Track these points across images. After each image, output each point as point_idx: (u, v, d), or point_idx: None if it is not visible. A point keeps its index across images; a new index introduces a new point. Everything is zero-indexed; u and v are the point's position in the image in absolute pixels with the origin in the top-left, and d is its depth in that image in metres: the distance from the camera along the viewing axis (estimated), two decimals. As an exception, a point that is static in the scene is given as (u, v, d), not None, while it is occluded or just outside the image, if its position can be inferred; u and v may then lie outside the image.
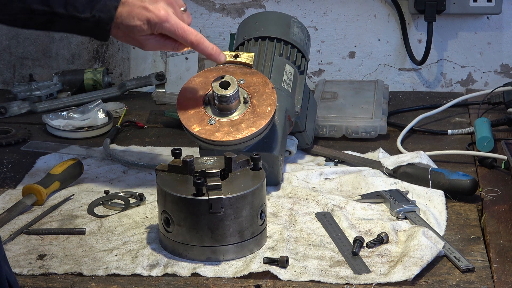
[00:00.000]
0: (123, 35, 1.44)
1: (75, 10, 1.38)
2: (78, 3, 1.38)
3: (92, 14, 1.39)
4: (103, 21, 1.40)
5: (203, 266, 1.40)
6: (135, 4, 1.43)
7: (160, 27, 1.44)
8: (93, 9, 1.39)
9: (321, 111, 1.93)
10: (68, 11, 1.38)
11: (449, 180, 1.62)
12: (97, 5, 1.39)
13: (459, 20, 2.19)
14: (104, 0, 1.40)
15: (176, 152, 1.49)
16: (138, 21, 1.42)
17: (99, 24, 1.40)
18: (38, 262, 1.43)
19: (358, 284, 1.35)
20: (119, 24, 1.41)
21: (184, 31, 1.46)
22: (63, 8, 1.38)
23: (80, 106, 2.03)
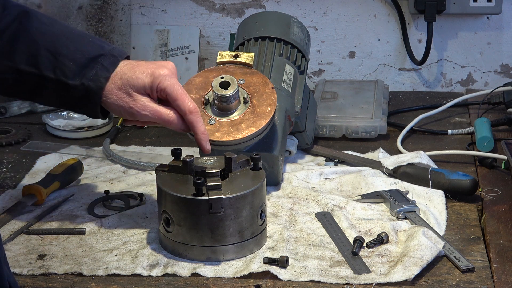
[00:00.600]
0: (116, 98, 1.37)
1: (64, 76, 1.33)
2: (67, 68, 1.34)
3: (82, 82, 1.34)
4: (92, 90, 1.35)
5: (203, 266, 1.40)
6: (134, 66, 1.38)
7: (163, 80, 1.38)
8: (83, 77, 1.34)
9: (321, 111, 1.93)
10: (57, 76, 1.33)
11: (449, 180, 1.62)
12: (88, 74, 1.34)
13: (459, 20, 2.19)
14: (96, 70, 1.35)
15: (176, 152, 1.49)
16: (141, 74, 1.37)
17: (89, 93, 1.35)
18: (38, 262, 1.43)
19: (358, 284, 1.35)
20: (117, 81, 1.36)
21: (185, 94, 1.41)
22: (51, 72, 1.33)
23: (80, 106, 2.03)
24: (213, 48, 2.25)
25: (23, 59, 1.32)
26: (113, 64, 1.36)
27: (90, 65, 1.34)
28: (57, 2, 2.24)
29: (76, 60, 1.34)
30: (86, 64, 1.34)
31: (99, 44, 1.38)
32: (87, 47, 1.36)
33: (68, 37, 1.36)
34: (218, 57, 1.65)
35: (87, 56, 1.35)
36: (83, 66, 1.34)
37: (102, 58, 1.36)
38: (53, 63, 1.33)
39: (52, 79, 1.33)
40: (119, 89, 1.36)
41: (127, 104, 1.37)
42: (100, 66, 1.35)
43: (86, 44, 1.36)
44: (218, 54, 1.66)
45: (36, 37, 1.33)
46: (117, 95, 1.36)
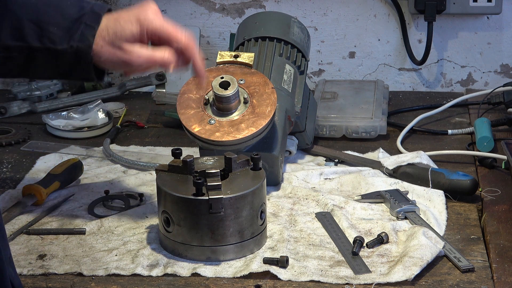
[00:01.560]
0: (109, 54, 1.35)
1: (51, 42, 1.32)
2: (53, 35, 1.32)
3: (70, 44, 1.32)
4: (82, 51, 1.33)
5: (203, 266, 1.40)
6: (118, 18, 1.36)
7: (150, 23, 1.35)
8: (70, 40, 1.32)
9: (321, 111, 1.93)
10: (44, 44, 1.31)
11: (449, 180, 1.62)
12: (74, 36, 1.33)
13: (459, 20, 2.19)
14: (81, 30, 1.33)
15: (176, 152, 1.49)
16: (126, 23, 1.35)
17: (79, 55, 1.33)
18: (38, 262, 1.43)
19: (358, 284, 1.35)
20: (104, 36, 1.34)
21: (176, 29, 1.38)
22: (38, 41, 1.32)
23: (80, 106, 2.03)
24: (213, 48, 2.25)
25: (8, 34, 1.31)
26: (97, 21, 1.35)
27: (74, 26, 1.33)
28: (57, 2, 2.24)
29: (59, 24, 1.33)
30: (70, 27, 1.33)
31: (78, 4, 1.36)
32: (68, 10, 1.35)
33: (47, 4, 1.35)
34: (218, 57, 1.66)
35: (69, 19, 1.34)
36: (67, 29, 1.33)
37: (85, 17, 1.34)
38: (38, 33, 1.32)
39: (40, 48, 1.32)
40: (109, 45, 1.35)
41: (121, 57, 1.35)
42: (84, 25, 1.33)
43: (66, 7, 1.35)
44: (218, 54, 1.66)
45: (17, 10, 1.32)
46: (108, 50, 1.35)
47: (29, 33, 1.32)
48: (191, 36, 1.39)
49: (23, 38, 1.31)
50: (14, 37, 1.31)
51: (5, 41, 1.31)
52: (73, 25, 1.33)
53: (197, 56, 1.38)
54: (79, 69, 1.35)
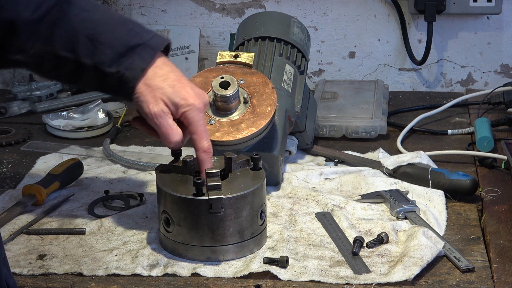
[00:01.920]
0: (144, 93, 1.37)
1: (101, 63, 1.33)
2: (104, 56, 1.33)
3: (118, 70, 1.34)
4: (127, 79, 1.35)
5: (203, 266, 1.40)
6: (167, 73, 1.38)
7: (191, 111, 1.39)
8: (120, 66, 1.34)
9: (321, 111, 1.93)
10: (94, 62, 1.33)
11: (449, 180, 1.62)
12: (125, 63, 1.34)
13: (459, 20, 2.19)
14: (132, 59, 1.34)
15: (176, 152, 1.49)
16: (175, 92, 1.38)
17: (122, 82, 1.35)
18: (38, 262, 1.43)
19: (358, 284, 1.35)
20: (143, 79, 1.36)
21: (206, 131, 1.41)
22: (89, 58, 1.33)
23: (80, 106, 2.03)
24: (213, 48, 2.25)
25: (62, 45, 1.32)
26: (151, 56, 1.36)
27: (127, 54, 1.34)
28: (57, 2, 2.24)
29: (114, 48, 1.34)
30: (124, 53, 1.34)
31: (138, 32, 1.37)
32: (126, 36, 1.35)
33: (107, 24, 1.36)
34: (218, 57, 1.66)
35: (125, 45, 1.34)
36: (120, 55, 1.34)
37: (140, 48, 1.35)
38: (91, 50, 1.33)
39: (90, 65, 1.33)
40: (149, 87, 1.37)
41: (148, 103, 1.37)
42: (137, 56, 1.35)
43: (126, 32, 1.36)
44: (218, 54, 1.66)
45: (76, 23, 1.33)
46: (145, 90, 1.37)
47: (82, 48, 1.33)
48: (210, 150, 1.42)
49: (75, 52, 1.33)
50: (67, 49, 1.32)
51: (58, 51, 1.32)
52: (126, 52, 1.34)
53: (207, 164, 1.41)
54: (120, 93, 1.38)
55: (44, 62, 1.33)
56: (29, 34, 1.30)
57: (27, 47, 1.31)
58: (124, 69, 1.34)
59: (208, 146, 1.41)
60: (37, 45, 1.31)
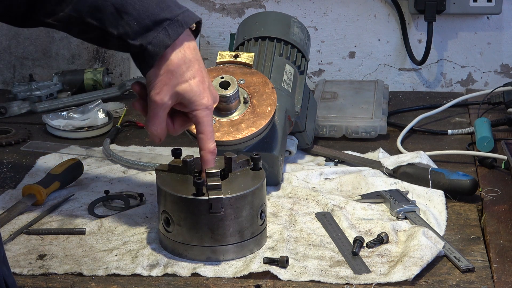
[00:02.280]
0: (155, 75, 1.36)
1: (126, 35, 1.32)
2: (130, 28, 1.32)
3: (141, 43, 1.32)
4: (149, 54, 1.33)
5: (203, 266, 1.40)
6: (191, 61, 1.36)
7: (201, 112, 1.38)
8: (144, 39, 1.32)
9: (321, 111, 1.93)
10: (119, 33, 1.32)
11: (449, 180, 1.62)
12: (149, 37, 1.32)
13: (459, 20, 2.19)
14: (157, 33, 1.32)
15: (176, 152, 1.49)
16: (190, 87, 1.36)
17: (144, 55, 1.33)
18: (38, 262, 1.43)
19: (358, 284, 1.35)
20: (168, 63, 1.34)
21: (213, 132, 1.41)
22: (114, 27, 1.32)
23: (80, 106, 2.03)
24: (213, 48, 2.25)
25: (89, 12, 1.31)
26: (177, 33, 1.34)
27: (153, 28, 1.32)
28: (57, 2, 2.24)
29: (140, 20, 1.32)
30: (150, 27, 1.32)
31: (169, 5, 1.35)
32: (155, 8, 1.33)
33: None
34: (218, 57, 1.66)
35: (152, 18, 1.32)
36: (146, 28, 1.32)
37: (168, 23, 1.33)
38: (117, 20, 1.31)
39: (114, 35, 1.32)
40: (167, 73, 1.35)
41: (155, 89, 1.36)
42: (163, 31, 1.33)
43: (156, 4, 1.34)
44: (218, 54, 1.66)
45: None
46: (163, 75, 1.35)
47: (108, 18, 1.32)
48: (215, 151, 1.41)
49: (101, 20, 1.32)
50: (94, 17, 1.32)
51: (85, 17, 1.31)
52: (153, 26, 1.32)
53: (210, 165, 1.41)
54: (141, 64, 1.36)
55: (72, 26, 1.33)
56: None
57: (57, 11, 1.31)
58: (147, 43, 1.32)
59: (214, 148, 1.41)
60: (66, 9, 1.31)
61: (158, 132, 1.39)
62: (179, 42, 1.34)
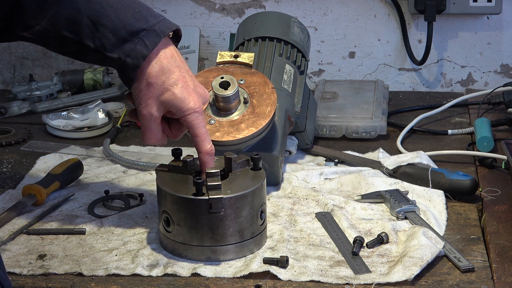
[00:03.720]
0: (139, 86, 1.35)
1: (103, 47, 1.31)
2: (107, 40, 1.30)
3: (119, 56, 1.31)
4: (128, 66, 1.32)
5: (203, 266, 1.40)
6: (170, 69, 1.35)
7: (191, 116, 1.38)
8: (121, 52, 1.31)
9: (321, 111, 1.93)
10: (96, 46, 1.31)
11: (449, 180, 1.62)
12: (126, 48, 1.31)
13: (459, 20, 2.19)
14: (134, 44, 1.31)
15: (176, 152, 1.49)
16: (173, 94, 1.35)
17: (124, 68, 1.32)
18: (38, 262, 1.43)
19: (358, 284, 1.35)
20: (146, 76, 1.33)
21: (207, 133, 1.40)
22: (91, 40, 1.31)
23: (80, 106, 2.03)
24: (213, 48, 2.25)
25: (65, 25, 1.30)
26: (154, 42, 1.32)
27: (130, 39, 1.31)
28: (57, 2, 2.24)
29: (116, 32, 1.31)
30: (126, 38, 1.31)
31: (145, 15, 1.34)
32: (130, 19, 1.32)
33: (112, 6, 1.32)
34: (218, 57, 1.66)
35: (128, 29, 1.31)
36: (122, 40, 1.30)
37: (144, 33, 1.31)
38: (93, 33, 1.30)
39: (91, 48, 1.31)
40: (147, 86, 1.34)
41: (140, 101, 1.36)
42: (140, 41, 1.31)
43: (131, 15, 1.32)
44: (218, 54, 1.66)
45: (80, 4, 1.31)
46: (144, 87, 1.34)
47: (85, 30, 1.30)
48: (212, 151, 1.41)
49: (78, 33, 1.31)
50: (70, 30, 1.31)
51: (61, 30, 1.30)
52: (129, 37, 1.31)
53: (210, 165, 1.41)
54: (123, 79, 1.35)
55: (49, 40, 1.32)
56: (34, 11, 1.30)
57: (32, 24, 1.31)
58: (125, 55, 1.31)
59: (210, 148, 1.41)
60: (42, 23, 1.30)
61: (155, 142, 1.40)
62: (155, 53, 1.34)
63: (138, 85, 1.35)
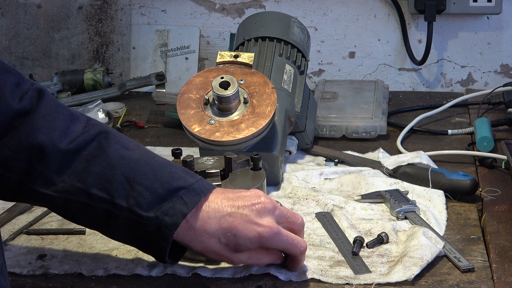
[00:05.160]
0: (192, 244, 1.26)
1: (137, 206, 1.20)
2: (143, 199, 1.20)
3: (156, 215, 1.20)
4: (166, 226, 1.21)
5: (203, 266, 1.40)
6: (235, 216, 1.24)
7: (271, 242, 1.27)
8: (158, 211, 1.21)
9: (321, 111, 1.93)
10: (129, 205, 1.20)
11: (449, 180, 1.62)
12: (165, 207, 1.21)
13: (459, 20, 2.19)
14: (173, 203, 1.21)
15: (176, 152, 1.48)
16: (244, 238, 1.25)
17: (161, 229, 1.21)
18: (38, 262, 1.42)
19: (358, 284, 1.35)
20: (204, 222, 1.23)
21: (293, 236, 1.30)
22: (124, 200, 1.21)
23: (80, 106, 2.03)
24: (213, 48, 2.25)
25: (95, 182, 1.22)
26: (195, 201, 1.23)
27: (168, 197, 1.22)
28: (57, 2, 2.24)
29: (153, 190, 1.22)
30: (164, 197, 1.22)
31: (181, 175, 1.25)
32: (168, 178, 1.23)
33: (148, 164, 1.25)
34: (218, 57, 1.66)
35: (166, 187, 1.22)
36: (161, 198, 1.22)
37: (184, 192, 1.23)
38: (127, 191, 1.21)
39: (124, 208, 1.21)
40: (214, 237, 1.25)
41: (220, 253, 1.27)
42: (179, 200, 1.22)
43: (168, 174, 1.24)
44: (218, 54, 1.66)
45: (114, 161, 1.22)
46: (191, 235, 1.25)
47: (118, 188, 1.22)
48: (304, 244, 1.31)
49: (109, 192, 1.22)
50: (101, 187, 1.22)
51: (90, 188, 1.22)
52: (168, 195, 1.22)
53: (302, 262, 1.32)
54: (156, 243, 1.24)
55: (72, 200, 1.22)
56: (59, 165, 1.22)
57: (55, 180, 1.22)
58: (162, 214, 1.21)
59: (304, 244, 1.31)
60: (67, 179, 1.22)
61: None
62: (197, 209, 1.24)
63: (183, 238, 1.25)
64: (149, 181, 1.22)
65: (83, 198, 1.22)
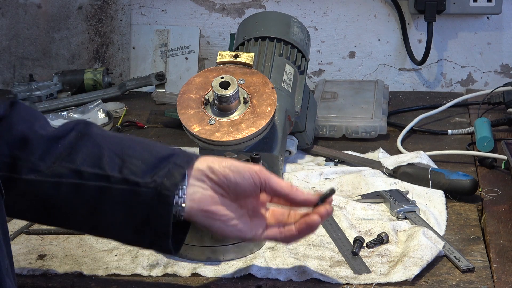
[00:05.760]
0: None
1: (132, 173, 1.18)
2: (136, 167, 1.18)
3: (153, 179, 1.18)
4: (166, 188, 1.18)
5: (203, 266, 1.40)
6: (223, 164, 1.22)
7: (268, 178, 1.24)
8: (155, 175, 1.18)
9: (321, 111, 1.93)
10: (124, 174, 1.18)
11: (449, 180, 1.62)
12: (160, 172, 1.19)
13: (459, 20, 2.19)
14: (168, 168, 1.19)
15: (176, 152, 1.48)
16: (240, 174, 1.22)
17: (160, 194, 1.18)
18: (38, 262, 1.43)
19: (358, 284, 1.35)
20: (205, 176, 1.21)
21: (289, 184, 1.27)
22: (117, 171, 1.18)
23: (80, 106, 2.03)
24: (213, 48, 2.25)
25: (85, 160, 1.19)
26: (188, 162, 1.21)
27: (161, 164, 1.20)
28: (57, 2, 2.24)
29: (145, 160, 1.20)
30: (157, 164, 1.20)
31: (166, 146, 1.25)
32: (155, 148, 1.23)
33: (132, 140, 1.24)
34: (218, 57, 1.66)
35: (156, 156, 1.21)
36: (154, 166, 1.19)
37: (174, 157, 1.21)
38: (119, 164, 1.19)
39: (119, 179, 1.18)
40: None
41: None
42: (173, 164, 1.20)
43: (153, 146, 1.24)
44: (218, 54, 1.66)
45: (99, 140, 1.21)
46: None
47: (109, 162, 1.19)
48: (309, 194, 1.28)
49: (101, 166, 1.18)
50: (91, 164, 1.19)
51: (79, 166, 1.18)
52: (160, 162, 1.20)
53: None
54: (158, 214, 1.19)
55: (62, 182, 1.18)
56: (44, 150, 1.19)
57: (41, 166, 1.18)
58: (160, 177, 1.19)
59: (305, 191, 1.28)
60: (55, 163, 1.18)
61: None
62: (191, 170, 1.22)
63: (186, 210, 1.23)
64: (138, 153, 1.21)
65: (73, 178, 1.19)
